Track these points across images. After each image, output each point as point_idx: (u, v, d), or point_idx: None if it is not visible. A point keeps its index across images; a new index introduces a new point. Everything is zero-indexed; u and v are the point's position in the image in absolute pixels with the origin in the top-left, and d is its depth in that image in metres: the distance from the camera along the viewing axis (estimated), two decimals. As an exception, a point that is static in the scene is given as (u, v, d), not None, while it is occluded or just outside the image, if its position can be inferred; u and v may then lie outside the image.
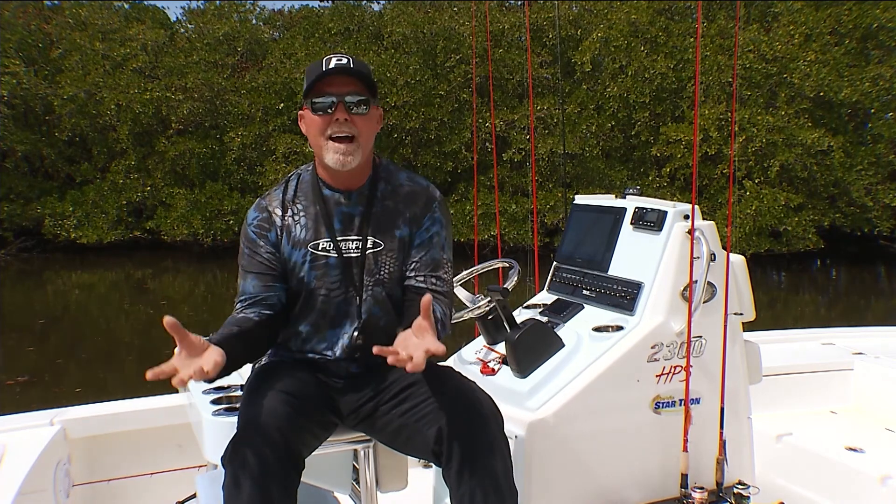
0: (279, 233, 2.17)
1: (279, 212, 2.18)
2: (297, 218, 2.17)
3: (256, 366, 2.32)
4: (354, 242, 2.17)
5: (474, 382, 2.09)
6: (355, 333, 2.18)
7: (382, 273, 2.18)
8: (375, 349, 1.80)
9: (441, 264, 2.20)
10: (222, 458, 1.90)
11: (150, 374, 1.71)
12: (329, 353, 2.20)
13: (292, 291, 2.19)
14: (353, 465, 2.34)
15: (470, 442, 1.95)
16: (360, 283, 2.16)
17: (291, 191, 2.21)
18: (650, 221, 2.75)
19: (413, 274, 2.19)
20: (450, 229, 2.28)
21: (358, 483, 2.30)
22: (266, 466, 1.84)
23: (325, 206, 2.17)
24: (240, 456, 1.85)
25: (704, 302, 2.66)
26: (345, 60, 2.09)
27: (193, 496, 3.00)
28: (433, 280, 2.17)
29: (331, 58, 2.11)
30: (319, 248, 2.15)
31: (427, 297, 1.82)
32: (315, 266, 2.15)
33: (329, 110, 2.08)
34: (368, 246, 2.17)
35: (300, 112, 2.18)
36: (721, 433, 2.65)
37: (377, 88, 2.17)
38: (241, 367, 2.05)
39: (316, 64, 2.12)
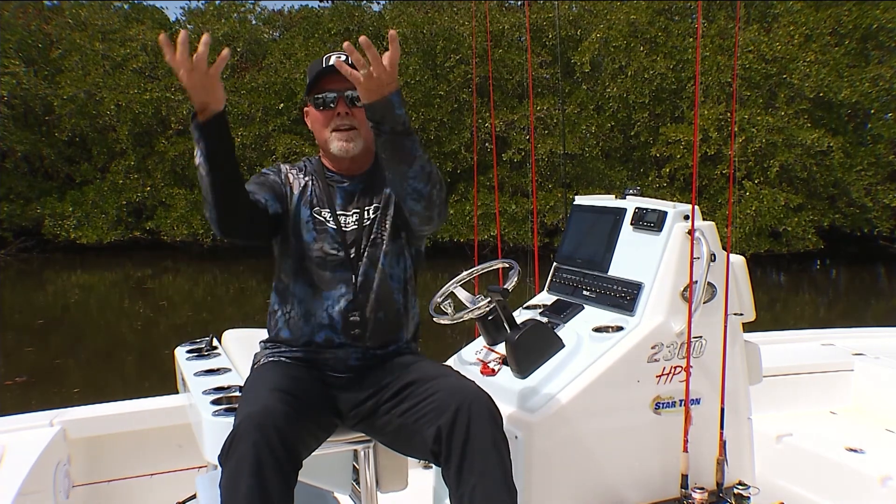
0: (284, 179, 2.31)
1: (287, 168, 2.35)
2: (308, 184, 2.31)
3: (255, 365, 2.32)
4: (353, 216, 2.28)
5: (473, 382, 2.10)
6: (352, 312, 2.22)
7: (380, 233, 2.27)
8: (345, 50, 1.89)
9: None
10: (219, 455, 1.90)
11: (162, 36, 1.81)
12: (324, 315, 2.23)
13: (292, 247, 2.27)
14: (354, 466, 2.34)
15: (469, 441, 1.95)
16: (357, 254, 2.25)
17: (301, 168, 2.37)
18: (650, 222, 2.76)
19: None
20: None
21: (358, 483, 2.30)
22: (262, 464, 1.84)
23: (329, 185, 2.31)
24: (236, 453, 1.86)
25: (704, 302, 2.67)
26: (344, 56, 2.15)
27: (193, 497, 3.00)
28: None
29: (331, 55, 2.21)
30: (321, 215, 2.27)
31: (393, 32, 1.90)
32: (316, 228, 2.26)
33: (331, 105, 2.21)
34: (370, 213, 2.28)
35: (305, 109, 2.32)
36: (721, 433, 2.65)
37: None
38: (218, 169, 1.99)
39: (317, 61, 2.24)
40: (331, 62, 2.17)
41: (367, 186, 2.31)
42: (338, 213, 2.28)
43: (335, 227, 2.26)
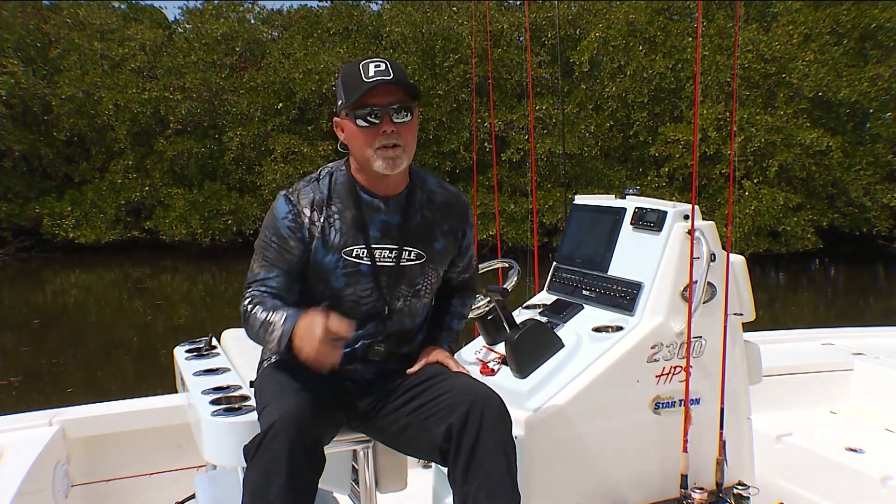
0: (308, 235, 2.12)
1: (308, 212, 2.12)
2: (331, 221, 2.12)
3: (266, 361, 2.29)
4: (390, 251, 2.15)
5: (485, 383, 2.11)
6: (378, 341, 2.19)
7: (424, 284, 2.21)
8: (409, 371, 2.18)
9: (473, 258, 2.44)
10: (245, 451, 1.90)
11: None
12: (348, 349, 2.17)
13: (319, 293, 2.17)
14: (353, 466, 2.33)
15: (479, 442, 1.96)
16: (391, 293, 2.16)
17: (325, 191, 2.15)
18: (650, 221, 2.75)
19: (454, 275, 2.39)
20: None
21: (357, 484, 2.30)
22: (296, 463, 1.86)
23: (362, 212, 2.14)
24: (271, 452, 1.86)
25: (704, 302, 2.66)
26: (383, 66, 2.03)
27: (192, 496, 3.00)
28: (465, 276, 2.43)
29: (368, 64, 2.04)
30: (353, 255, 2.12)
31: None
32: (347, 273, 2.13)
33: (375, 122, 2.04)
34: (412, 258, 2.18)
35: (336, 119, 2.14)
36: (721, 434, 2.65)
37: (419, 90, 2.13)
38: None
39: (353, 71, 2.05)
40: (370, 73, 2.01)
41: (405, 223, 2.17)
42: (373, 246, 2.13)
43: (369, 262, 2.13)
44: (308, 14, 22.89)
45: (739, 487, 2.66)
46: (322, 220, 2.12)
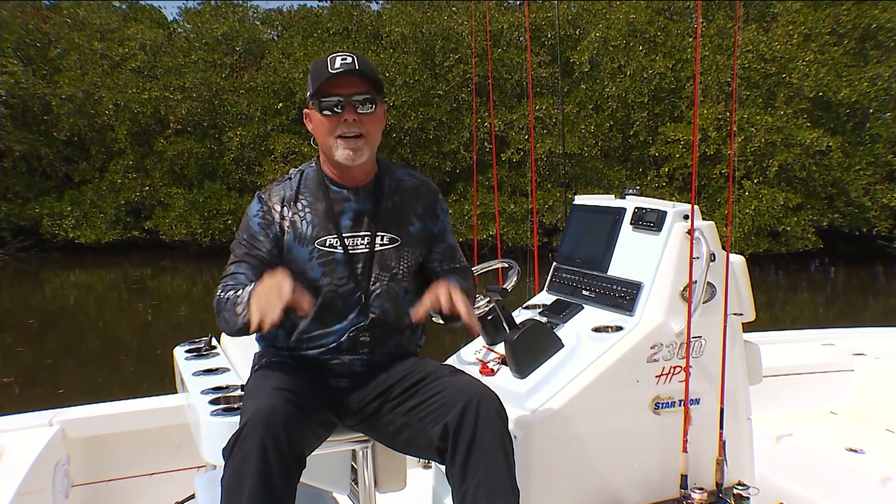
0: (279, 230, 2.18)
1: (278, 208, 2.19)
2: (302, 214, 2.19)
3: (256, 366, 2.31)
4: (363, 239, 2.19)
5: (480, 381, 2.10)
6: (362, 332, 2.19)
7: (401, 268, 2.22)
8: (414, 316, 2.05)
9: (455, 250, 2.39)
10: (223, 451, 1.90)
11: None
12: (334, 344, 2.19)
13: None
14: (352, 466, 2.33)
15: (476, 439, 1.96)
16: (366, 279, 2.18)
17: (294, 187, 2.23)
18: (650, 222, 2.75)
19: (436, 266, 2.33)
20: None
21: (356, 484, 2.30)
22: (268, 462, 1.84)
23: (332, 203, 2.19)
24: (242, 451, 1.85)
25: (704, 302, 2.66)
26: (350, 59, 2.11)
27: (192, 497, 3.00)
28: (453, 265, 2.37)
29: (335, 57, 2.12)
30: (326, 245, 2.17)
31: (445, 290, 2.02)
32: (322, 262, 2.16)
33: (336, 110, 2.11)
34: (385, 242, 2.20)
35: (305, 111, 2.21)
36: (721, 434, 2.65)
37: (383, 85, 2.19)
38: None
39: (321, 63, 2.13)
40: (336, 65, 2.09)
41: (376, 209, 2.21)
42: (344, 235, 2.17)
43: (343, 251, 2.16)
44: (308, 14, 22.88)
45: (739, 488, 2.66)
46: (292, 214, 2.19)
